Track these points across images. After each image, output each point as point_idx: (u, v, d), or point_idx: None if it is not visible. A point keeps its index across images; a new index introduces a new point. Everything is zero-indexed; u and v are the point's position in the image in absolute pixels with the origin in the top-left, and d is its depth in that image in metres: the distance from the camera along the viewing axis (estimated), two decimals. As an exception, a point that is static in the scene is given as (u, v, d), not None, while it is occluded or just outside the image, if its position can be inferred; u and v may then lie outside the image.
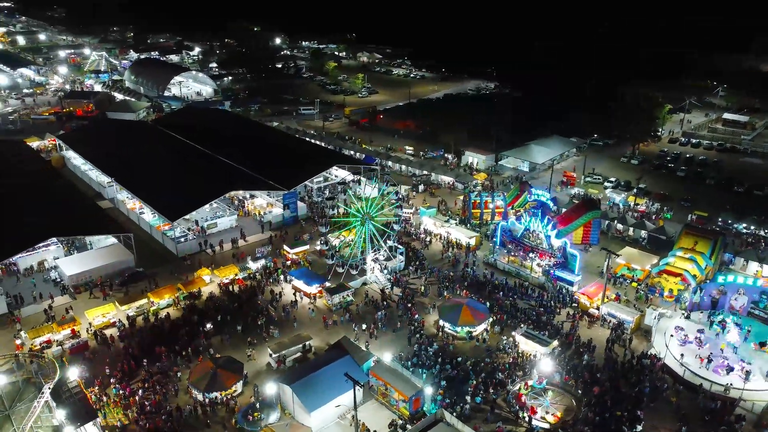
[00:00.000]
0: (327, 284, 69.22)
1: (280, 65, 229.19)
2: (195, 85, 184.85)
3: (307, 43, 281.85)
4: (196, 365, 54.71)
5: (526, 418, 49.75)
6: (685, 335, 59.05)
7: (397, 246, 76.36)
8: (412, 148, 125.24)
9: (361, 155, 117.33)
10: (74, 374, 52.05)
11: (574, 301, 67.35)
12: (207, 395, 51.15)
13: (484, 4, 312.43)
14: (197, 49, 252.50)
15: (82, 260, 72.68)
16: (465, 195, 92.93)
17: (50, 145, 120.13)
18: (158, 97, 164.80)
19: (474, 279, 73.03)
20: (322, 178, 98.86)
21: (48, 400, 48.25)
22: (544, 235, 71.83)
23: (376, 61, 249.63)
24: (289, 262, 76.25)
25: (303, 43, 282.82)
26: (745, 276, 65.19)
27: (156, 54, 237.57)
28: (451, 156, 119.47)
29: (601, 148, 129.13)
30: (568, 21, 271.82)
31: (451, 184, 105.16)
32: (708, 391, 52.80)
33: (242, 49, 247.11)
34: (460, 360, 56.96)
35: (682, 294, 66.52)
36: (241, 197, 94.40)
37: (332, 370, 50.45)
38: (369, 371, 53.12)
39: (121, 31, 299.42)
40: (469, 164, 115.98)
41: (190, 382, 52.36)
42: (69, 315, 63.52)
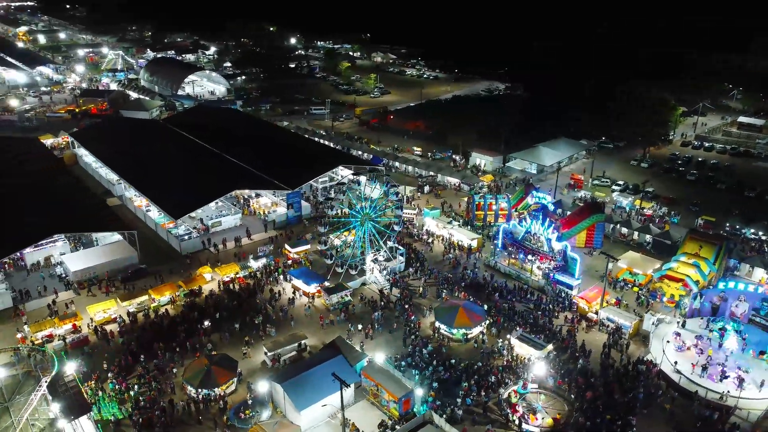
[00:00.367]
0: (326, 284, 69.66)
1: (293, 65, 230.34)
2: (209, 85, 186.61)
3: (323, 43, 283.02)
4: (191, 362, 55.42)
5: (516, 422, 49.64)
6: (682, 341, 58.42)
7: (398, 247, 76.55)
8: (420, 149, 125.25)
9: (369, 156, 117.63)
10: (72, 368, 52.98)
11: (573, 305, 66.98)
12: (200, 392, 51.80)
13: (491, 4, 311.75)
14: (213, 49, 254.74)
15: (87, 256, 73.92)
16: (469, 197, 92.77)
17: (63, 143, 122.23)
18: (172, 96, 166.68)
19: (474, 281, 72.95)
20: (328, 178, 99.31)
21: (45, 393, 49.38)
22: (544, 238, 71.54)
23: (390, 61, 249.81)
24: (290, 262, 76.82)
25: (318, 43, 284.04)
26: (746, 282, 64.17)
27: (172, 53, 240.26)
28: (459, 157, 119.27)
29: (611, 151, 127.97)
30: (567, 21, 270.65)
31: (457, 185, 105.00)
32: (703, 399, 52.22)
33: (256, 49, 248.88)
34: (453, 362, 56.98)
35: (683, 300, 65.75)
36: (247, 196, 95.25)
37: (324, 370, 50.68)
38: (361, 371, 53.38)
39: (140, 30, 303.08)
40: (476, 165, 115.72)
41: (185, 378, 53.03)
42: (71, 310, 64.73)
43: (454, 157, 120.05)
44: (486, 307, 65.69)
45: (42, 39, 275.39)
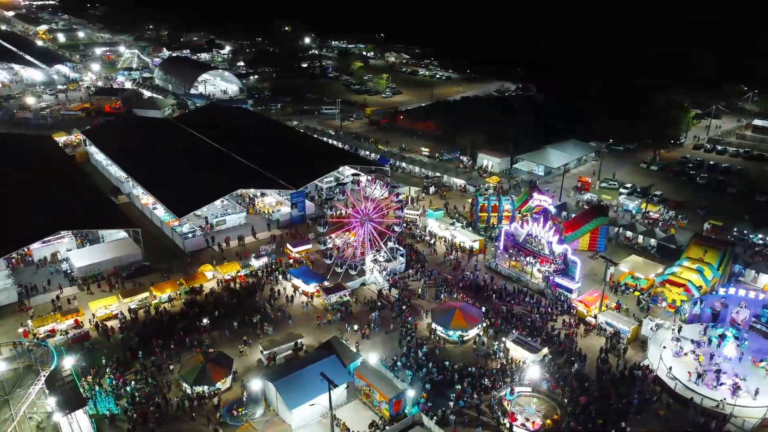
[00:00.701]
0: (325, 284, 70.02)
1: (306, 65, 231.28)
2: (221, 84, 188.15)
3: (337, 43, 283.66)
4: (187, 359, 56.11)
5: (507, 425, 49.55)
6: (680, 347, 57.83)
7: (398, 247, 76.68)
8: (428, 149, 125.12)
9: (376, 156, 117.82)
10: (70, 363, 53.90)
11: (572, 309, 66.58)
12: (194, 389, 52.45)
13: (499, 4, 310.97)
14: (227, 48, 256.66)
15: (92, 253, 75.08)
16: (473, 198, 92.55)
17: (76, 140, 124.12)
18: (185, 94, 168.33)
19: (474, 283, 72.83)
20: (333, 178, 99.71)
21: (43, 387, 50.40)
22: (545, 241, 71.17)
23: (403, 61, 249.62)
24: (292, 261, 77.32)
25: (332, 42, 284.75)
26: (746, 288, 63.30)
27: (187, 52, 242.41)
28: (466, 158, 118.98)
29: (621, 154, 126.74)
30: (574, 21, 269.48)
31: (463, 186, 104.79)
32: (699, 406, 51.66)
33: (269, 48, 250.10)
34: (447, 364, 56.98)
35: (683, 305, 65.04)
36: (252, 195, 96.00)
37: (316, 369, 50.86)
38: (354, 371, 53.63)
39: (156, 29, 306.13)
40: (483, 167, 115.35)
41: (180, 375, 53.72)
42: (73, 305, 65.85)
43: (461, 158, 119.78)
44: (484, 309, 65.58)
45: (61, 37, 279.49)
